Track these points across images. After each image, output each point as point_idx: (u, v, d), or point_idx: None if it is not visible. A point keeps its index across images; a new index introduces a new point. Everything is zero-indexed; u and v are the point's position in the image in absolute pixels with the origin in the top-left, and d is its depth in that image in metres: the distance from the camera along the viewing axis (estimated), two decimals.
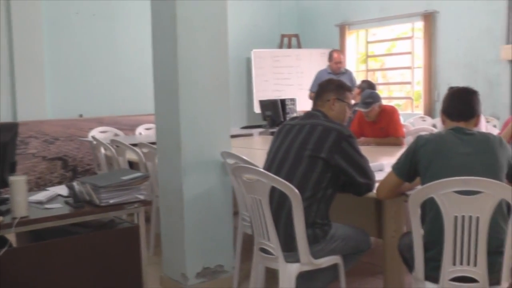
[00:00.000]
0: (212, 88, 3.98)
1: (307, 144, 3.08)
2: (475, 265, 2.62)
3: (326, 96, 3.34)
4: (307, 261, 3.01)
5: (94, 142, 5.88)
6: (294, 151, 3.11)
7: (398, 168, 2.99)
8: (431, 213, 2.71)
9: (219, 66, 4.02)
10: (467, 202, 2.55)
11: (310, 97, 7.95)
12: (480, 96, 3.06)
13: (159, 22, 4.03)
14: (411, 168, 2.92)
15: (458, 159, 2.79)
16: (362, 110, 5.60)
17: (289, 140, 3.18)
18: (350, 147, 3.09)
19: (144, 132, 7.34)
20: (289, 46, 9.94)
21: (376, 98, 5.62)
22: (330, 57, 7.82)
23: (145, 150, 4.85)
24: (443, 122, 3.07)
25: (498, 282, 2.69)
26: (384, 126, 5.65)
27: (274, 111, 7.44)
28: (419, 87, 8.67)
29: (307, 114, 3.33)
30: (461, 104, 3.01)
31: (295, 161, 3.08)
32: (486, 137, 2.87)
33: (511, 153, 2.92)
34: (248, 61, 9.53)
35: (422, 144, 2.89)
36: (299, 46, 9.94)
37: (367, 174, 3.15)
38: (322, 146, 3.05)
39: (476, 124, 3.02)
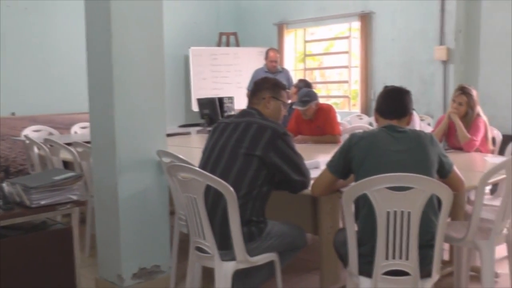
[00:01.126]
0: (147, 86, 3.93)
1: (243, 142, 3.08)
2: (407, 258, 2.68)
3: (261, 94, 3.35)
4: (243, 259, 3.01)
5: (27, 142, 5.72)
6: (229, 149, 3.10)
7: (332, 165, 3.02)
8: (364, 209, 2.75)
9: (155, 64, 3.97)
10: (399, 197, 2.60)
11: (248, 96, 7.96)
12: (414, 95, 3.14)
13: (93, 18, 3.95)
14: (345, 166, 2.97)
15: (391, 156, 2.84)
16: (299, 108, 5.65)
17: (224, 138, 3.17)
18: (285, 145, 3.10)
19: (80, 131, 7.18)
20: (228, 44, 9.94)
21: (313, 96, 5.67)
22: (266, 56, 7.86)
23: (79, 149, 4.75)
24: (377, 120, 3.13)
25: (429, 274, 2.77)
26: (321, 124, 5.71)
27: (212, 110, 7.40)
28: (356, 86, 8.80)
29: (243, 112, 3.34)
30: (393, 103, 3.08)
31: (230, 159, 3.07)
32: (418, 134, 2.95)
33: (441, 150, 3.00)
34: (186, 59, 9.48)
35: (355, 141, 2.94)
36: (237, 44, 9.95)
37: (302, 171, 3.17)
38: (257, 144, 3.05)
39: (408, 122, 3.09)
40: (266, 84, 3.40)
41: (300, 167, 3.17)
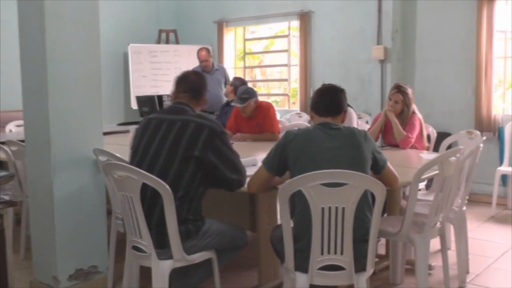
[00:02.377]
0: (83, 84, 3.86)
1: (180, 143, 3.05)
2: (341, 253, 2.72)
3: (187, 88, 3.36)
4: (180, 258, 3.00)
5: None
6: (166, 150, 3.07)
7: (268, 162, 3.05)
8: (299, 205, 2.78)
9: (91, 61, 3.91)
10: (333, 193, 2.64)
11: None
12: (352, 93, 3.21)
13: (26, 14, 3.86)
14: (280, 163, 2.99)
15: (325, 153, 2.89)
16: (238, 105, 5.66)
17: (159, 137, 3.13)
18: (223, 143, 3.11)
19: (15, 129, 7.01)
20: (167, 41, 9.86)
21: (252, 94, 5.69)
22: (197, 56, 7.84)
23: (13, 148, 4.63)
24: (312, 117, 3.18)
25: (364, 268, 2.82)
26: (260, 121, 5.74)
27: (151, 107, 7.33)
28: (296, 84, 8.87)
29: (175, 109, 3.28)
30: (329, 100, 3.13)
31: (167, 161, 3.04)
32: (352, 131, 3.00)
33: (375, 146, 3.06)
34: (125, 56, 9.34)
35: (290, 139, 2.96)
36: (177, 42, 9.88)
37: (238, 170, 3.18)
38: (195, 144, 3.04)
39: (343, 120, 3.14)
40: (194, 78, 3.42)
41: (237, 165, 3.18)
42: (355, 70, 7.95)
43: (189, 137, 3.05)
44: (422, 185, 4.88)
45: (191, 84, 3.36)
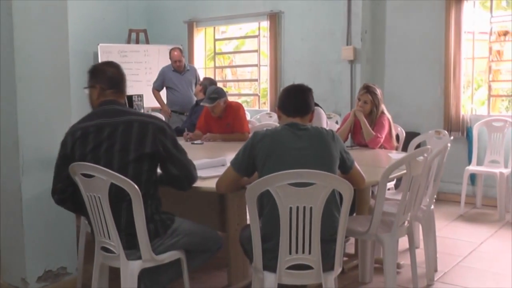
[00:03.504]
0: (51, 83, 3.83)
1: (129, 145, 2.98)
2: (309, 253, 2.74)
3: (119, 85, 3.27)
4: (148, 258, 2.99)
5: None
6: (117, 154, 2.98)
7: (236, 163, 3.05)
8: (268, 205, 2.80)
9: (59, 60, 3.88)
10: (301, 193, 2.66)
11: (154, 93, 7.88)
12: (322, 94, 3.23)
13: None
14: (249, 163, 3.00)
15: (293, 153, 2.90)
16: (207, 105, 5.67)
17: (106, 143, 3.00)
18: (166, 139, 3.06)
19: None
20: (137, 41, 9.80)
21: (221, 93, 5.70)
22: (170, 56, 7.81)
23: None
24: (279, 117, 3.18)
25: (332, 267, 2.84)
26: (230, 121, 5.75)
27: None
28: (266, 85, 8.89)
29: (111, 111, 3.09)
30: (296, 101, 3.13)
31: (121, 165, 2.95)
32: (319, 131, 3.02)
33: (343, 146, 3.09)
34: (95, 56, 9.27)
35: (258, 139, 2.97)
36: (147, 41, 9.83)
37: (184, 166, 3.13)
38: (144, 142, 2.99)
39: (311, 119, 3.16)
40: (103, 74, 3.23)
41: (183, 161, 3.13)
42: (325, 70, 7.99)
43: (136, 137, 2.99)
44: (391, 184, 4.94)
45: (113, 78, 3.21)
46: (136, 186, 2.85)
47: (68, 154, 3.06)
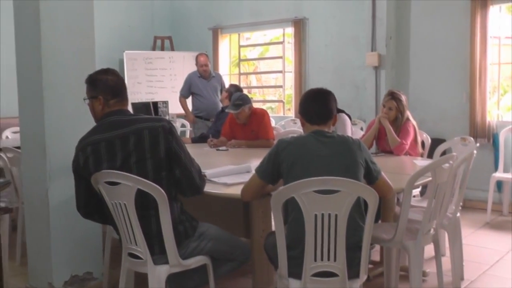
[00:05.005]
0: (78, 90, 3.83)
1: (145, 154, 2.97)
2: (335, 260, 2.73)
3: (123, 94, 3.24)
4: (176, 263, 3.00)
5: None
6: (135, 166, 2.97)
7: (261, 171, 3.05)
8: (293, 213, 2.80)
9: (86, 67, 3.89)
10: (326, 200, 2.65)
11: (180, 101, 7.92)
12: (346, 100, 3.22)
13: (22, 20, 3.89)
14: (273, 171, 3.00)
15: (319, 161, 2.89)
16: (232, 112, 5.68)
17: (120, 156, 2.97)
18: (173, 139, 3.04)
19: (11, 136, 7.03)
20: (162, 48, 9.87)
21: (245, 100, 5.71)
22: (196, 61, 7.84)
23: (10, 154, 4.65)
24: (303, 124, 3.16)
25: (357, 275, 2.83)
26: (254, 128, 5.76)
27: (147, 114, 7.33)
28: (291, 91, 8.90)
29: (119, 122, 3.05)
30: (318, 107, 3.10)
31: (141, 175, 2.92)
32: (345, 139, 3.01)
33: (369, 156, 3.07)
34: (121, 63, 9.36)
35: (283, 147, 2.97)
36: (172, 48, 9.90)
37: (188, 170, 3.08)
38: (158, 147, 2.98)
39: (334, 122, 3.14)
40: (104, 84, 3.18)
41: (186, 165, 3.07)
42: (349, 76, 7.97)
43: (149, 145, 2.98)
44: (416, 191, 4.91)
45: (115, 87, 3.16)
46: (162, 191, 2.87)
47: (80, 171, 3.05)
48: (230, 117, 5.90)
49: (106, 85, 3.13)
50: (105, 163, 2.98)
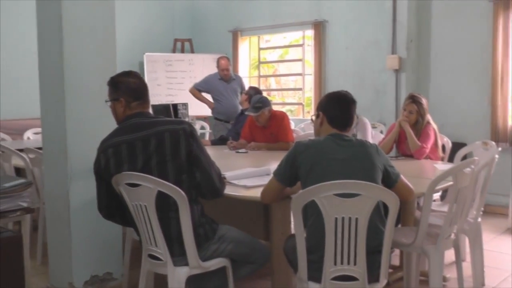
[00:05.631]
0: (99, 92, 3.87)
1: (165, 156, 2.99)
2: (355, 264, 2.72)
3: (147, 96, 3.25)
4: (195, 265, 3.01)
5: None
6: (155, 168, 2.99)
7: (279, 174, 3.05)
8: (312, 216, 2.79)
9: (107, 69, 3.91)
10: (347, 204, 2.65)
11: (193, 92, 7.87)
12: (366, 103, 3.22)
13: (45, 23, 3.93)
14: (291, 173, 3.00)
15: (338, 164, 2.89)
16: (252, 114, 5.69)
17: (141, 158, 3.00)
18: (194, 141, 3.06)
19: (33, 137, 7.10)
20: (182, 50, 9.92)
21: (265, 103, 5.71)
22: (217, 64, 7.84)
23: (31, 155, 4.69)
24: (321, 123, 3.14)
25: (377, 279, 2.82)
26: (274, 131, 5.76)
27: (167, 116, 7.36)
28: (310, 94, 8.88)
29: (140, 125, 3.07)
30: (346, 115, 3.11)
31: (162, 177, 2.94)
32: (363, 143, 3.02)
33: (387, 160, 3.07)
34: (141, 65, 9.41)
35: (301, 150, 2.97)
36: (192, 51, 9.94)
37: (208, 173, 3.10)
38: (179, 149, 3.00)
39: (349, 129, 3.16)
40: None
41: (206, 168, 3.09)
42: (369, 79, 7.95)
43: (170, 148, 3.00)
44: (436, 195, 4.87)
45: (137, 89, 3.18)
46: (183, 193, 2.88)
47: (101, 172, 3.07)
48: (250, 119, 5.90)
49: (128, 88, 3.15)
50: (126, 165, 3.00)
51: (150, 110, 3.33)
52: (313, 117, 3.24)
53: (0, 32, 8.03)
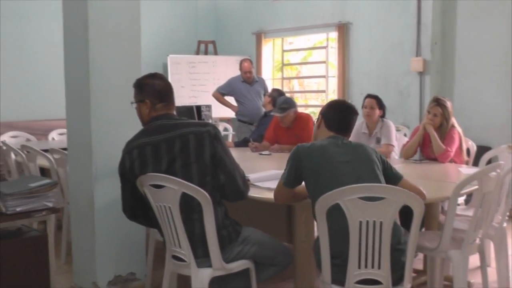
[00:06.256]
0: (124, 94, 3.90)
1: (190, 158, 3.01)
2: (379, 267, 2.71)
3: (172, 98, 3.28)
4: (219, 266, 3.02)
5: (4, 148, 5.68)
6: (180, 169, 3.00)
7: (284, 177, 3.08)
8: (336, 220, 2.78)
9: (132, 71, 3.95)
10: (371, 207, 2.64)
11: (216, 96, 7.88)
12: (390, 105, 3.24)
13: (71, 25, 3.97)
14: (296, 177, 3.03)
15: (344, 166, 2.93)
16: (278, 115, 5.69)
17: (165, 160, 3.02)
18: (218, 143, 3.08)
19: (58, 137, 7.16)
20: (206, 52, 9.95)
21: (291, 104, 5.72)
22: (240, 67, 7.83)
23: (56, 156, 4.74)
24: (319, 126, 3.22)
25: (400, 281, 2.80)
26: (299, 133, 5.74)
27: (190, 118, 7.37)
28: (334, 96, 8.86)
29: (165, 126, 3.10)
30: (346, 121, 3.17)
31: (186, 179, 2.95)
32: (361, 145, 3.12)
33: (383, 160, 3.09)
34: (165, 67, 9.47)
35: (305, 153, 3.01)
36: (215, 53, 9.97)
37: (232, 175, 3.11)
38: (203, 152, 3.02)
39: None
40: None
41: (230, 170, 3.10)
42: (393, 82, 7.91)
43: (195, 150, 3.02)
44: (461, 199, 4.82)
45: (162, 91, 3.19)
46: (207, 195, 2.89)
47: (126, 173, 3.10)
48: (275, 121, 5.90)
49: (153, 89, 3.17)
50: (151, 166, 3.02)
51: (175, 112, 3.35)
52: None
53: (27, 33, 8.13)
